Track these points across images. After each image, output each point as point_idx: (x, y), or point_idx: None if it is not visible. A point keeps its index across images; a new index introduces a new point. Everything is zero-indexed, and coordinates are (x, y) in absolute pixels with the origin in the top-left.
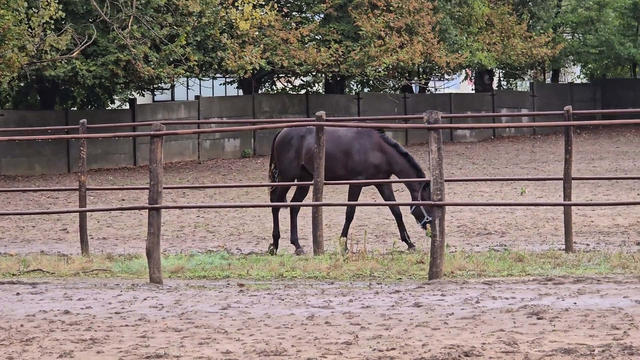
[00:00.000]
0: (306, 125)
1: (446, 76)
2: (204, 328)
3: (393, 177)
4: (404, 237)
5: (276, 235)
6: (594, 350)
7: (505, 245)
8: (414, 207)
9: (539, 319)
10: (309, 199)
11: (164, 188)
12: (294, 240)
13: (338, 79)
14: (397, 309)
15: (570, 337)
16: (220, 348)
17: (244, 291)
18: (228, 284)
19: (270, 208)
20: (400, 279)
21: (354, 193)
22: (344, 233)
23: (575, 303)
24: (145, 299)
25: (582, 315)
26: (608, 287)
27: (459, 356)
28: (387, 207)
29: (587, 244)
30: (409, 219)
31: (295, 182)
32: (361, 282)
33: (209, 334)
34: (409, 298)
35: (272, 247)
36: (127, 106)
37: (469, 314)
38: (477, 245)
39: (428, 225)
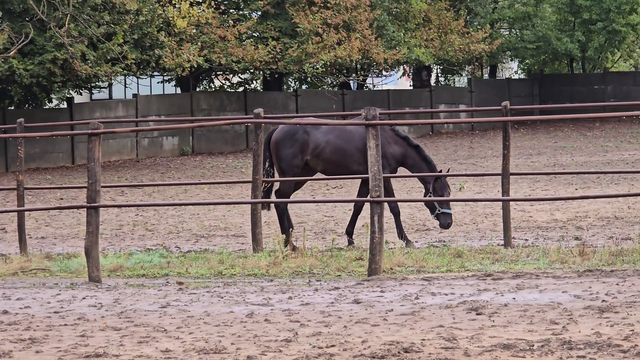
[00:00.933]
0: (246, 123)
1: (384, 72)
2: (144, 327)
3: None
4: (401, 235)
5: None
6: (533, 345)
7: (444, 241)
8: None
9: (478, 314)
10: (247, 196)
11: (103, 187)
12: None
13: (276, 76)
14: (337, 305)
15: (509, 333)
16: (159, 347)
17: (183, 289)
18: (167, 282)
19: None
20: (340, 275)
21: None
22: (350, 227)
23: (514, 298)
24: (84, 298)
25: (521, 311)
26: (547, 282)
27: (399, 352)
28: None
29: (526, 239)
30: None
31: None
32: (300, 279)
33: (148, 332)
34: (349, 295)
35: (287, 243)
36: (64, 105)
37: (408, 310)
38: (416, 242)
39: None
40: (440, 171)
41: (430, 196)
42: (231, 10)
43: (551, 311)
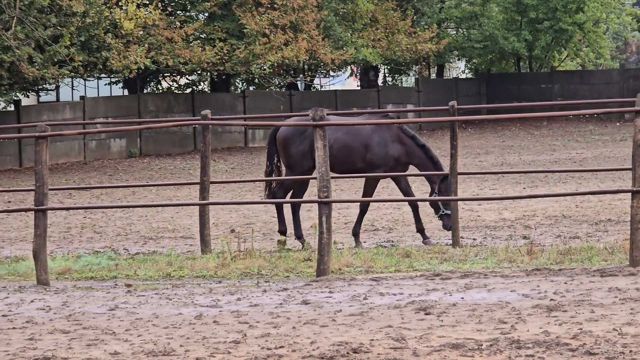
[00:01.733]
0: (194, 125)
1: (331, 73)
2: (92, 329)
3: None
4: (420, 228)
5: (283, 231)
6: (481, 345)
7: (392, 242)
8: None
9: (426, 314)
10: (195, 197)
11: (50, 189)
12: (299, 235)
13: (223, 77)
14: (285, 306)
15: (458, 332)
16: (108, 349)
17: (132, 292)
18: (116, 284)
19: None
20: (288, 276)
21: (370, 186)
22: (356, 228)
23: (462, 298)
24: (32, 301)
25: (470, 310)
26: (495, 282)
27: (348, 353)
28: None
29: (474, 239)
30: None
31: (299, 176)
32: (249, 280)
33: (96, 335)
34: (297, 296)
35: (281, 244)
36: (12, 108)
37: (357, 311)
38: (365, 242)
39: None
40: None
41: (435, 196)
42: (178, 12)
43: (499, 310)
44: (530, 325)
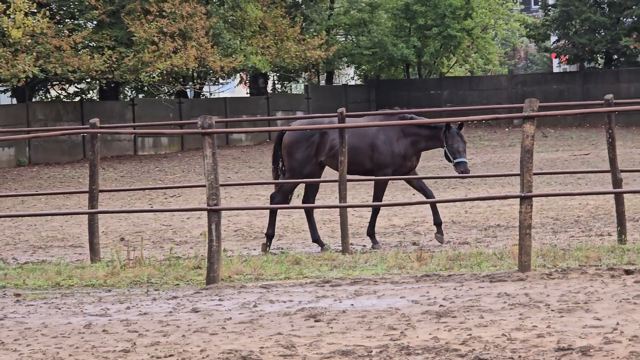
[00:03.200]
0: (82, 133)
1: (221, 80)
2: None
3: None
4: (437, 221)
5: (270, 235)
6: (371, 351)
7: (282, 249)
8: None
9: (316, 321)
10: (85, 206)
11: None
12: (316, 239)
13: (112, 85)
14: (175, 315)
15: (348, 339)
16: None
17: (21, 301)
18: (4, 294)
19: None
20: (178, 284)
21: (380, 188)
22: (370, 229)
23: (352, 304)
24: None
25: (360, 317)
26: (385, 288)
27: None
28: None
29: (364, 245)
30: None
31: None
32: (139, 288)
33: None
34: (187, 304)
35: (266, 245)
36: None
37: (247, 318)
38: (255, 249)
39: None
40: (459, 125)
41: (445, 150)
42: (67, 20)
43: (389, 317)
44: (420, 331)
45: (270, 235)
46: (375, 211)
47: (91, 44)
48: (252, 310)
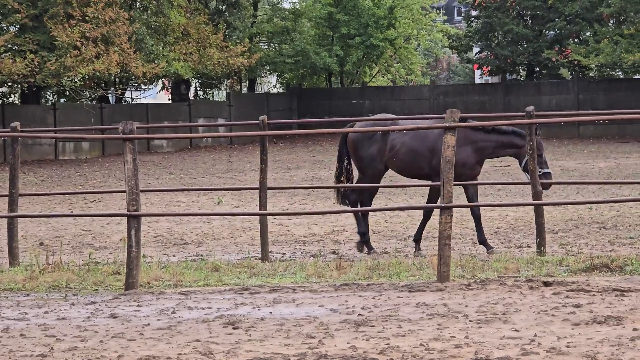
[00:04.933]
0: (3, 137)
1: (143, 86)
2: None
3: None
4: (482, 240)
5: (363, 233)
6: (289, 359)
7: (201, 255)
8: (524, 164)
9: (235, 328)
10: (4, 210)
11: None
12: (365, 236)
13: (34, 89)
14: (93, 320)
15: (265, 347)
16: None
17: None
18: None
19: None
20: (97, 290)
21: (434, 195)
22: (418, 234)
23: (271, 312)
24: None
25: (278, 325)
26: (304, 296)
27: None
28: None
29: (284, 253)
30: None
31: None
32: (57, 293)
33: None
34: (105, 309)
35: (363, 245)
36: None
37: (165, 325)
38: (174, 256)
39: None
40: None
41: (525, 162)
42: None
43: (307, 325)
44: (338, 340)
45: (363, 233)
46: (427, 215)
47: (13, 48)
48: (171, 316)
